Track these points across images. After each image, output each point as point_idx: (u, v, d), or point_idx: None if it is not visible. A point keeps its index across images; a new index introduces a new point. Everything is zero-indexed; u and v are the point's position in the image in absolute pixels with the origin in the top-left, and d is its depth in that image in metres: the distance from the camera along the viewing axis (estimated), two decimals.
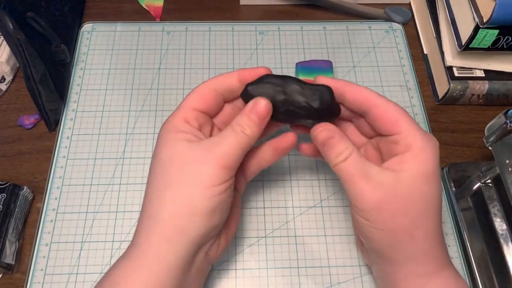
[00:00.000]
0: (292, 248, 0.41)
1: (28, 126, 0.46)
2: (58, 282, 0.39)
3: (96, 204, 0.42)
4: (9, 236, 0.39)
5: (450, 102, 0.49)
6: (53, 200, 0.42)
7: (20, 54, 0.41)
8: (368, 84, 0.50)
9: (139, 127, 0.47)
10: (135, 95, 0.48)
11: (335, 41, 0.53)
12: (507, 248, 0.39)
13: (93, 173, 0.44)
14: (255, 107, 0.33)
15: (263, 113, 0.33)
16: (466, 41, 0.44)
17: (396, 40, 0.53)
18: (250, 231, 0.41)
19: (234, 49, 0.52)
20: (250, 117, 0.33)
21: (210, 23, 0.54)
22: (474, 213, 0.42)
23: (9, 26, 0.40)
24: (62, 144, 0.45)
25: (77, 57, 0.51)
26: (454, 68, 0.48)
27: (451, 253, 0.41)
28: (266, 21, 0.54)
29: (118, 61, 0.51)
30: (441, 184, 0.32)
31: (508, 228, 0.40)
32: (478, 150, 0.47)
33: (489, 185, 0.42)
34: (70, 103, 0.48)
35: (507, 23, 0.41)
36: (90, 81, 0.49)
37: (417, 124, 0.32)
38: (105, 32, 0.53)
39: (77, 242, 0.40)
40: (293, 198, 0.43)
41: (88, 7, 0.55)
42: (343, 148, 0.32)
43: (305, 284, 0.39)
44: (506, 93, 0.48)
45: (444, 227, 0.42)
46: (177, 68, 0.50)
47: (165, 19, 0.55)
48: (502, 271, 0.39)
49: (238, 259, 0.40)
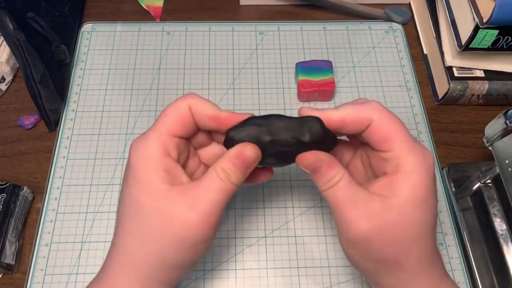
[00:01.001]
0: (292, 248, 0.41)
1: (28, 126, 0.46)
2: (58, 282, 0.39)
3: (96, 204, 0.42)
4: (9, 236, 0.39)
5: (450, 102, 0.49)
6: (53, 200, 0.42)
7: (20, 54, 0.41)
8: (368, 84, 0.50)
9: (139, 127, 0.47)
10: (135, 95, 0.48)
11: (335, 41, 0.53)
12: (507, 248, 0.39)
13: (93, 173, 0.44)
14: (242, 153, 0.30)
15: (249, 159, 0.30)
16: (466, 41, 0.44)
17: (396, 40, 0.53)
18: (250, 231, 0.41)
19: (234, 49, 0.52)
20: (236, 164, 0.29)
21: (210, 23, 0.54)
22: (474, 213, 0.42)
23: (9, 26, 0.40)
24: (62, 144, 0.45)
25: (77, 57, 0.51)
26: (454, 68, 0.48)
27: (451, 253, 0.41)
28: (266, 21, 0.55)
29: (118, 61, 0.51)
30: (435, 206, 0.30)
31: (508, 228, 0.40)
32: (478, 150, 0.47)
33: (489, 185, 0.42)
34: (70, 103, 0.48)
35: (507, 23, 0.41)
36: (90, 81, 0.49)
37: (412, 141, 0.30)
38: (105, 32, 0.53)
39: (77, 242, 0.40)
40: (293, 198, 0.43)
41: (88, 7, 0.55)
42: (334, 174, 0.29)
43: (305, 284, 0.39)
44: (506, 93, 0.48)
45: (444, 227, 0.42)
46: (177, 68, 0.50)
47: (165, 19, 0.55)
48: (502, 271, 0.39)
49: (238, 259, 0.40)
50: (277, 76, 0.50)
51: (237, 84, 0.50)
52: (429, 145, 0.46)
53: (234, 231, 0.41)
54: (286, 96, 0.49)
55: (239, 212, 0.42)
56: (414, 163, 0.29)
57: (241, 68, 0.51)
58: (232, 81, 0.50)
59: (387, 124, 0.30)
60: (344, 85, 0.50)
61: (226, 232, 0.41)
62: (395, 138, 0.29)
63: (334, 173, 0.29)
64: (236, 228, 0.42)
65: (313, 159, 0.30)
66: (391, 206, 0.28)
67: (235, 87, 0.49)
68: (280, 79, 0.50)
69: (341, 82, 0.50)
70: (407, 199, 0.28)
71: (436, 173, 0.33)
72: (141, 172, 0.29)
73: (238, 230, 0.41)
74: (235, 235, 0.41)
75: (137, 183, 0.29)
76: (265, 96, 0.49)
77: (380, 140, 0.30)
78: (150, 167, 0.29)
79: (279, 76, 0.50)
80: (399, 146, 0.29)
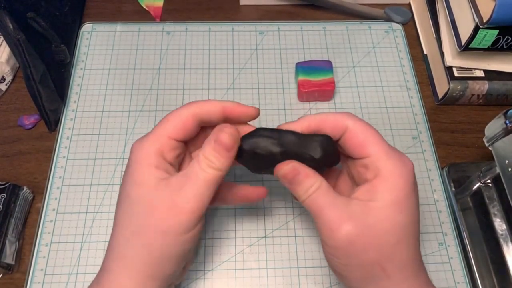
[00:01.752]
0: (292, 248, 0.41)
1: (28, 126, 0.46)
2: (58, 282, 0.39)
3: (96, 204, 0.42)
4: (9, 236, 0.39)
5: (450, 102, 0.49)
6: (53, 200, 0.42)
7: (20, 54, 0.41)
8: (368, 84, 0.50)
9: (139, 127, 0.47)
10: (135, 95, 0.48)
11: (335, 41, 0.53)
12: (507, 248, 0.39)
13: (93, 173, 0.44)
14: (219, 137, 0.30)
15: (228, 142, 0.30)
16: (466, 41, 0.44)
17: (396, 40, 0.53)
18: (250, 231, 0.41)
19: (234, 49, 0.52)
20: (216, 149, 0.29)
21: (210, 23, 0.54)
22: (474, 213, 0.42)
23: (9, 26, 0.40)
24: (62, 144, 0.45)
25: (77, 57, 0.51)
26: (454, 68, 0.48)
27: (451, 253, 0.41)
28: (266, 21, 0.55)
29: (118, 61, 0.51)
30: (416, 211, 0.30)
31: (508, 228, 0.40)
32: (478, 150, 0.47)
33: (489, 185, 0.42)
34: (70, 103, 0.48)
35: (507, 23, 0.41)
36: (90, 81, 0.49)
37: (388, 146, 0.30)
38: (105, 32, 0.53)
39: (77, 242, 0.40)
40: (293, 198, 0.43)
41: (88, 7, 0.55)
42: (312, 182, 0.30)
43: (305, 284, 0.39)
44: (506, 93, 0.48)
45: (444, 227, 0.42)
46: (177, 68, 0.50)
47: (165, 19, 0.55)
48: (502, 271, 0.39)
49: (238, 259, 0.40)
50: (277, 76, 0.50)
51: (237, 84, 0.50)
52: (429, 145, 0.46)
53: (234, 231, 0.41)
54: (286, 96, 0.49)
55: (239, 212, 0.42)
56: (392, 167, 0.29)
57: (241, 68, 0.51)
58: (232, 81, 0.50)
59: (362, 131, 0.31)
60: (344, 85, 0.50)
61: (226, 232, 0.41)
62: (371, 143, 0.30)
63: (312, 181, 0.30)
64: (236, 228, 0.42)
65: (289, 168, 0.31)
66: (371, 208, 0.29)
67: (235, 87, 0.49)
68: (280, 79, 0.50)
69: (341, 82, 0.50)
70: (388, 202, 0.29)
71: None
72: (136, 169, 0.30)
73: (238, 230, 0.41)
74: (235, 235, 0.41)
75: (131, 179, 0.30)
76: (265, 96, 0.49)
77: (357, 146, 0.30)
78: (143, 164, 0.30)
79: (279, 76, 0.50)
80: (376, 151, 0.30)
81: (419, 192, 0.43)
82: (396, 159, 0.30)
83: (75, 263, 0.40)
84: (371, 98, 0.49)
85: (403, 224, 0.29)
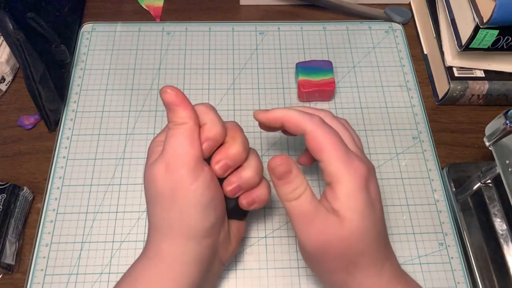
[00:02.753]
0: (292, 248, 0.41)
1: (28, 126, 0.46)
2: (58, 283, 0.39)
3: (96, 204, 0.42)
4: (9, 236, 0.39)
5: (450, 102, 0.49)
6: (53, 201, 0.42)
7: (20, 54, 0.41)
8: (368, 84, 0.50)
9: (139, 127, 0.47)
10: (135, 95, 0.48)
11: (335, 41, 0.53)
12: (507, 248, 0.39)
13: (93, 174, 0.44)
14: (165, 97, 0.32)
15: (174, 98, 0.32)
16: (466, 41, 0.44)
17: (396, 40, 0.53)
18: (250, 231, 0.41)
19: (234, 49, 0.52)
20: (169, 108, 0.32)
21: (210, 23, 0.54)
22: (474, 213, 0.42)
23: (9, 26, 0.40)
24: (62, 144, 0.45)
25: (77, 57, 0.51)
26: (454, 68, 0.48)
27: (451, 253, 0.41)
28: (266, 21, 0.55)
29: (118, 61, 0.51)
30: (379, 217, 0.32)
31: (508, 228, 0.40)
32: (478, 150, 0.47)
33: (489, 185, 0.42)
34: (70, 103, 0.48)
35: (507, 23, 0.41)
36: (90, 81, 0.49)
37: (344, 153, 0.31)
38: (105, 32, 0.53)
39: (77, 242, 0.40)
40: None
41: (88, 7, 0.55)
42: (299, 184, 0.31)
43: (305, 284, 0.39)
44: (506, 93, 0.48)
45: (444, 227, 0.42)
46: (177, 68, 0.50)
47: (165, 19, 0.55)
48: (502, 271, 0.39)
49: (238, 259, 0.40)
50: (277, 76, 0.50)
51: (237, 84, 0.50)
52: (429, 145, 0.46)
53: None
54: (286, 96, 0.49)
55: None
56: (342, 171, 0.30)
57: (241, 68, 0.51)
58: (232, 81, 0.50)
59: (321, 135, 0.31)
60: (344, 85, 0.50)
61: None
62: (326, 148, 0.31)
63: (299, 182, 0.31)
64: None
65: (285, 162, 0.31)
66: (345, 224, 0.30)
67: (235, 87, 0.49)
68: (280, 79, 0.50)
69: (341, 82, 0.50)
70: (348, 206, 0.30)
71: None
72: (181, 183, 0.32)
73: None
74: None
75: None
76: (265, 96, 0.49)
77: (313, 150, 0.32)
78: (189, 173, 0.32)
79: (279, 76, 0.50)
80: (329, 156, 0.31)
81: (419, 192, 0.44)
82: (347, 164, 0.31)
83: (75, 263, 0.40)
84: (371, 98, 0.49)
85: (369, 229, 0.31)
